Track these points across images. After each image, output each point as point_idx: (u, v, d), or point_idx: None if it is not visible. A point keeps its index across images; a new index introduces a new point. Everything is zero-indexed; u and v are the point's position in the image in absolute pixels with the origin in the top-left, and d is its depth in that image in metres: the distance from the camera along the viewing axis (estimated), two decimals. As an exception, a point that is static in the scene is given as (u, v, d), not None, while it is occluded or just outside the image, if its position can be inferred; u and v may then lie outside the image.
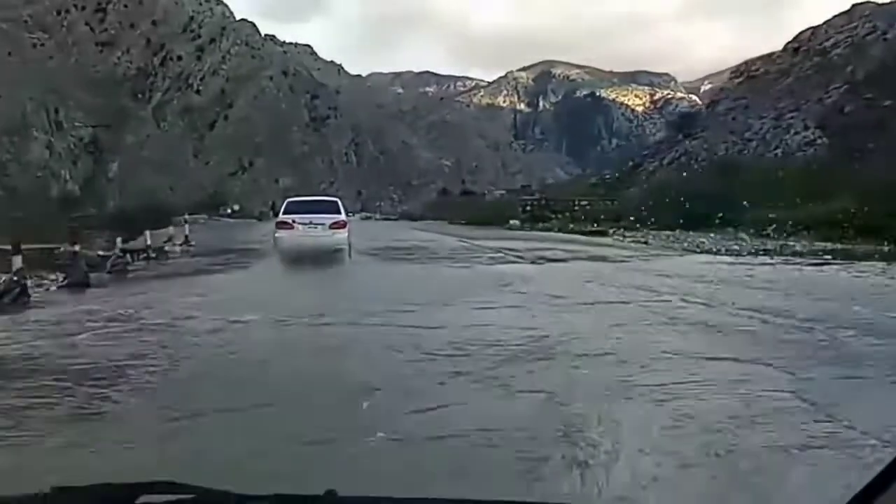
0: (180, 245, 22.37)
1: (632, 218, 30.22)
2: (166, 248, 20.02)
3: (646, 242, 24.56)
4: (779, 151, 34.74)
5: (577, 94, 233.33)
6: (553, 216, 33.94)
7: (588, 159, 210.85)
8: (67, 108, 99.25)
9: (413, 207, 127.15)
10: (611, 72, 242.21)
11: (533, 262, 15.93)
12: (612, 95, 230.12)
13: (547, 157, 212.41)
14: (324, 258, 14.35)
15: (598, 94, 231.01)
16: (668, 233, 26.69)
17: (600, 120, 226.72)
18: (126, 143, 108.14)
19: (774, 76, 45.83)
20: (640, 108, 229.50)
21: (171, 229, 24.60)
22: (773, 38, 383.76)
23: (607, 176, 43.62)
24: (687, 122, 39.06)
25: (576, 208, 35.68)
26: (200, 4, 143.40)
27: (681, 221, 26.70)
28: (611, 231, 28.76)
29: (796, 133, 35.14)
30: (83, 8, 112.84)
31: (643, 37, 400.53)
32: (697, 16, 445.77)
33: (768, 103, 39.84)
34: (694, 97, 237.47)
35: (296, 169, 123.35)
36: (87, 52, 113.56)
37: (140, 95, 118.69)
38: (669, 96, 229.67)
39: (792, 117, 37.09)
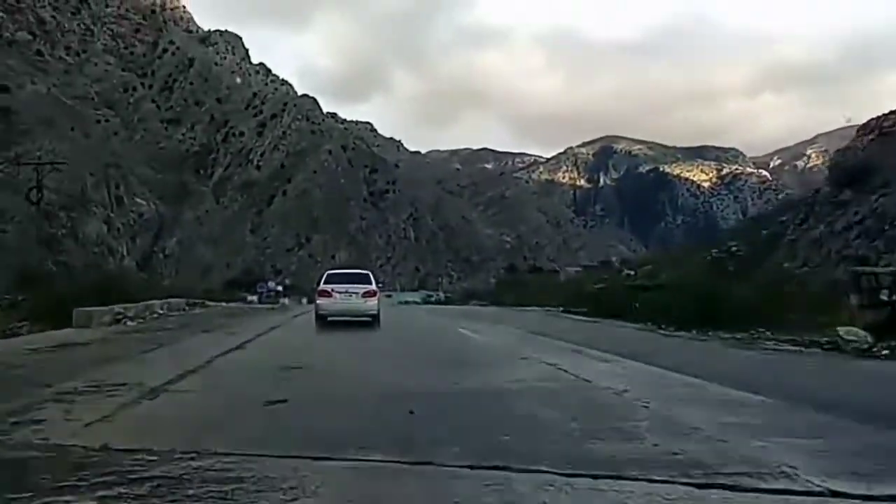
0: None
1: None
2: None
3: None
4: None
5: (640, 169, 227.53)
6: None
7: (651, 236, 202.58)
8: (128, 184, 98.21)
9: (474, 285, 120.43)
10: (674, 147, 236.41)
11: None
12: (677, 171, 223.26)
13: (609, 234, 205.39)
14: None
15: (661, 169, 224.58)
16: None
17: (664, 196, 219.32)
18: (185, 218, 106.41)
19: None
20: (706, 184, 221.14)
21: None
22: (847, 109, 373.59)
23: (734, 247, 31.63)
24: (859, 177, 28.74)
25: None
26: (266, 84, 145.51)
27: None
28: None
29: None
30: (150, 86, 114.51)
31: (708, 111, 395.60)
32: (764, 89, 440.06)
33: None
34: (764, 172, 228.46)
35: (353, 244, 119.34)
36: (152, 129, 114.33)
37: (202, 171, 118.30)
38: (738, 171, 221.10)
39: None
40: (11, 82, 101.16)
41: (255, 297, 59.93)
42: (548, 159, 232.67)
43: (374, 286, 17.38)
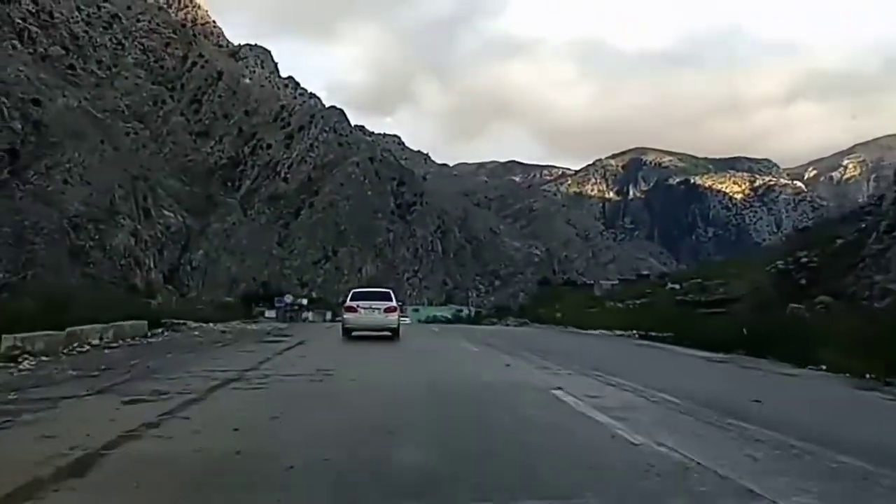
0: None
1: None
2: None
3: None
4: None
5: (670, 181, 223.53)
6: None
7: (682, 249, 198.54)
8: (156, 196, 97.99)
9: (503, 298, 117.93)
10: (706, 158, 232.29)
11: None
12: (708, 182, 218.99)
13: (639, 247, 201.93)
14: None
15: (692, 181, 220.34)
16: None
17: (695, 208, 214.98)
18: (212, 231, 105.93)
19: None
20: (738, 196, 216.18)
21: None
22: (885, 121, 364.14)
23: (803, 258, 27.48)
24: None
25: None
26: (295, 98, 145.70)
27: None
28: None
29: None
30: (179, 99, 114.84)
31: (741, 121, 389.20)
32: (799, 99, 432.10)
33: None
34: (799, 184, 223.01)
35: (380, 257, 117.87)
36: (180, 142, 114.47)
37: (229, 184, 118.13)
38: (772, 183, 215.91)
39: None
40: (43, 96, 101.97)
41: (272, 313, 55.27)
42: (576, 172, 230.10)
43: (394, 303, 19.27)
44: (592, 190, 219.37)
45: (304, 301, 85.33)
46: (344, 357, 11.67)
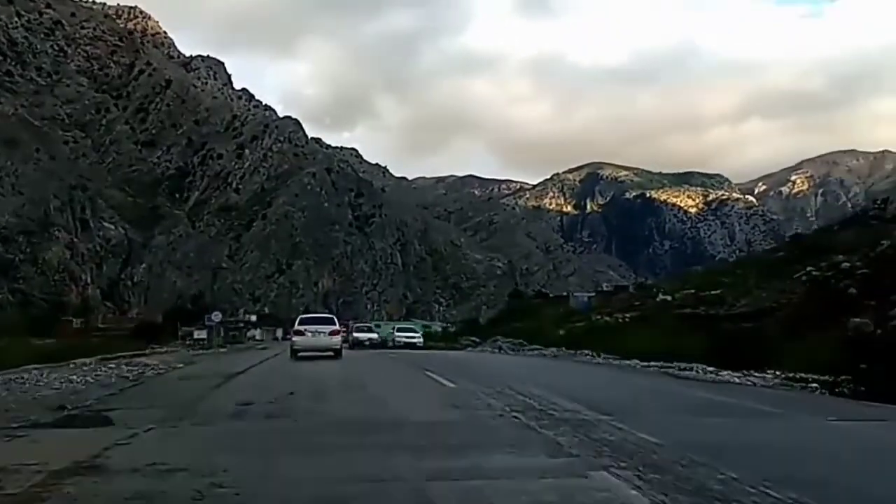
0: None
1: None
2: None
3: None
4: None
5: (627, 195, 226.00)
6: None
7: (639, 262, 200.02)
8: (95, 208, 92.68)
9: (466, 312, 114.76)
10: (660, 173, 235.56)
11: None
12: (664, 197, 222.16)
13: (598, 260, 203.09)
14: None
15: (648, 195, 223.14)
16: None
17: (651, 221, 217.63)
18: (156, 244, 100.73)
19: None
20: (693, 210, 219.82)
21: None
22: (831, 137, 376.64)
23: (844, 263, 18.55)
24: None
25: None
26: (248, 110, 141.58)
27: None
28: None
29: None
30: (125, 108, 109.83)
31: (694, 137, 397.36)
32: (750, 117, 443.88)
33: None
34: (750, 198, 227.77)
35: (337, 270, 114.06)
36: (125, 152, 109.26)
37: (177, 195, 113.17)
38: (724, 197, 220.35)
39: None
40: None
41: (202, 334, 42.49)
42: (534, 186, 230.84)
43: (338, 327, 21.82)
44: (550, 203, 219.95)
45: (253, 318, 79.07)
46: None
